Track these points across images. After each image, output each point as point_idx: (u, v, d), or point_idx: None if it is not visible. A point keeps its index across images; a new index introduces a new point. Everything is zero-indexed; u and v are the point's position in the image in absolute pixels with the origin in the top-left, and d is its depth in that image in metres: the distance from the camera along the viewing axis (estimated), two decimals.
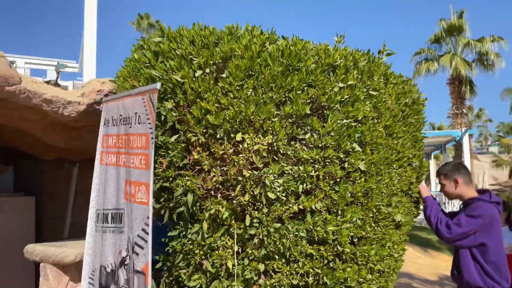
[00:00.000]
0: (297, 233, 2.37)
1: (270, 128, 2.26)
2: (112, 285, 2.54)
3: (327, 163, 2.37)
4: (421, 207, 3.23)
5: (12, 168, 4.92)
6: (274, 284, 2.43)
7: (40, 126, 3.61)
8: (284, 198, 2.34)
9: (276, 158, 2.31)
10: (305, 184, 2.35)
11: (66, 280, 3.00)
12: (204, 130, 2.31)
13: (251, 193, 2.31)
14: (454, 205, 13.27)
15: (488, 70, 17.92)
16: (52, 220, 5.07)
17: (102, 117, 2.85)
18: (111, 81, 3.09)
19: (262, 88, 2.28)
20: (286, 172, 2.32)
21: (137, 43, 2.73)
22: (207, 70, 2.31)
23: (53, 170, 5.13)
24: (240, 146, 2.27)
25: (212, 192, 2.38)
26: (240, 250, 2.46)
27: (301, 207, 2.37)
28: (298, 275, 2.44)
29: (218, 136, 2.27)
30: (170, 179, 2.42)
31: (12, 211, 4.39)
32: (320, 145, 2.35)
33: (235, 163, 2.28)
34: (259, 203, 2.34)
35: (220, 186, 2.37)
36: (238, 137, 2.24)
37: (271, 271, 2.45)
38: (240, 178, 2.30)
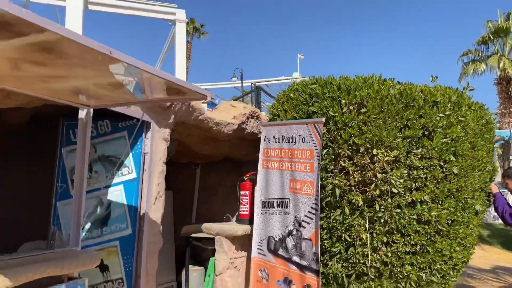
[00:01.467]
0: (410, 216, 3.52)
1: (395, 146, 3.43)
2: (280, 249, 3.78)
3: (432, 169, 3.50)
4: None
5: None
6: (393, 250, 3.59)
7: (197, 140, 4.93)
8: (403, 192, 3.49)
9: (398, 165, 3.47)
10: (416, 183, 3.50)
11: (233, 248, 4.28)
12: (349, 147, 3.51)
13: (381, 188, 3.48)
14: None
15: None
16: (180, 209, 6.44)
17: (262, 136, 4.10)
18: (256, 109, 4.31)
19: (389, 119, 3.45)
20: (404, 174, 3.48)
21: (290, 86, 3.97)
22: (351, 108, 3.51)
23: (180, 170, 6.50)
24: (375, 157, 3.45)
25: (353, 187, 3.58)
26: (369, 227, 3.64)
27: (413, 198, 3.52)
28: (410, 245, 3.59)
29: (360, 151, 3.46)
30: (323, 179, 3.64)
31: None
32: (427, 156, 3.49)
33: (371, 168, 3.47)
34: (385, 195, 3.51)
35: (358, 184, 3.56)
36: (375, 152, 3.42)
37: (391, 242, 3.61)
38: (373, 179, 3.48)
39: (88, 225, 3.45)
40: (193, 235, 5.43)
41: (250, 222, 4.53)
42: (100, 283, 3.34)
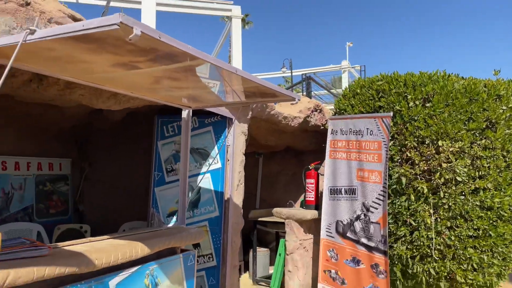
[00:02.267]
0: (473, 202, 3.77)
1: (460, 137, 3.68)
2: (348, 231, 4.17)
3: (495, 158, 3.72)
4: None
5: None
6: (456, 234, 3.87)
7: (264, 132, 5.37)
8: (466, 180, 3.75)
9: (462, 155, 3.72)
10: (480, 172, 3.74)
11: (302, 231, 4.71)
12: (415, 139, 3.80)
13: (445, 177, 3.75)
14: None
15: None
16: (245, 195, 6.95)
17: (329, 129, 4.46)
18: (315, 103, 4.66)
19: (454, 112, 3.70)
20: (468, 164, 3.73)
21: (356, 81, 4.29)
22: (417, 102, 3.79)
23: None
24: (440, 148, 3.72)
25: (418, 176, 3.87)
26: (433, 213, 3.92)
27: (477, 186, 3.76)
28: (472, 229, 3.85)
29: (425, 142, 3.75)
30: (389, 168, 3.96)
31: None
32: (491, 147, 3.71)
33: (436, 158, 3.75)
34: (449, 183, 3.78)
35: (423, 173, 3.85)
36: (440, 143, 3.69)
37: (454, 226, 3.88)
38: (438, 168, 3.75)
39: None
40: (259, 219, 5.93)
41: (316, 207, 4.94)
42: None
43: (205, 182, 3.97)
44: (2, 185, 4.15)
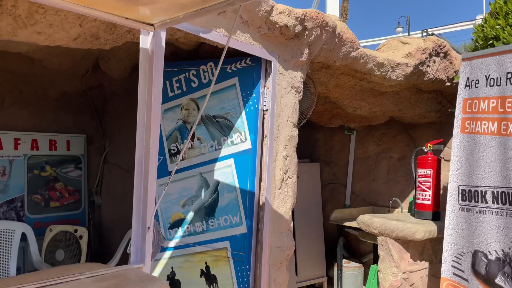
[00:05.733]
0: None
1: None
2: (499, 275, 2.13)
3: None
4: None
5: None
6: None
7: (349, 93, 3.46)
8: None
9: None
10: None
11: (408, 257, 2.77)
12: None
13: None
14: None
15: None
16: (331, 185, 5.13)
17: (461, 78, 2.40)
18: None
19: None
20: None
21: None
22: None
23: (328, 136, 5.15)
24: None
25: None
26: None
27: None
28: None
29: None
30: None
31: (305, 177, 4.56)
32: None
33: None
34: None
35: None
36: None
37: None
38: None
39: (190, 215, 2.43)
40: (347, 224, 4.08)
41: (435, 216, 2.94)
42: None
43: (226, 173, 2.32)
44: None
